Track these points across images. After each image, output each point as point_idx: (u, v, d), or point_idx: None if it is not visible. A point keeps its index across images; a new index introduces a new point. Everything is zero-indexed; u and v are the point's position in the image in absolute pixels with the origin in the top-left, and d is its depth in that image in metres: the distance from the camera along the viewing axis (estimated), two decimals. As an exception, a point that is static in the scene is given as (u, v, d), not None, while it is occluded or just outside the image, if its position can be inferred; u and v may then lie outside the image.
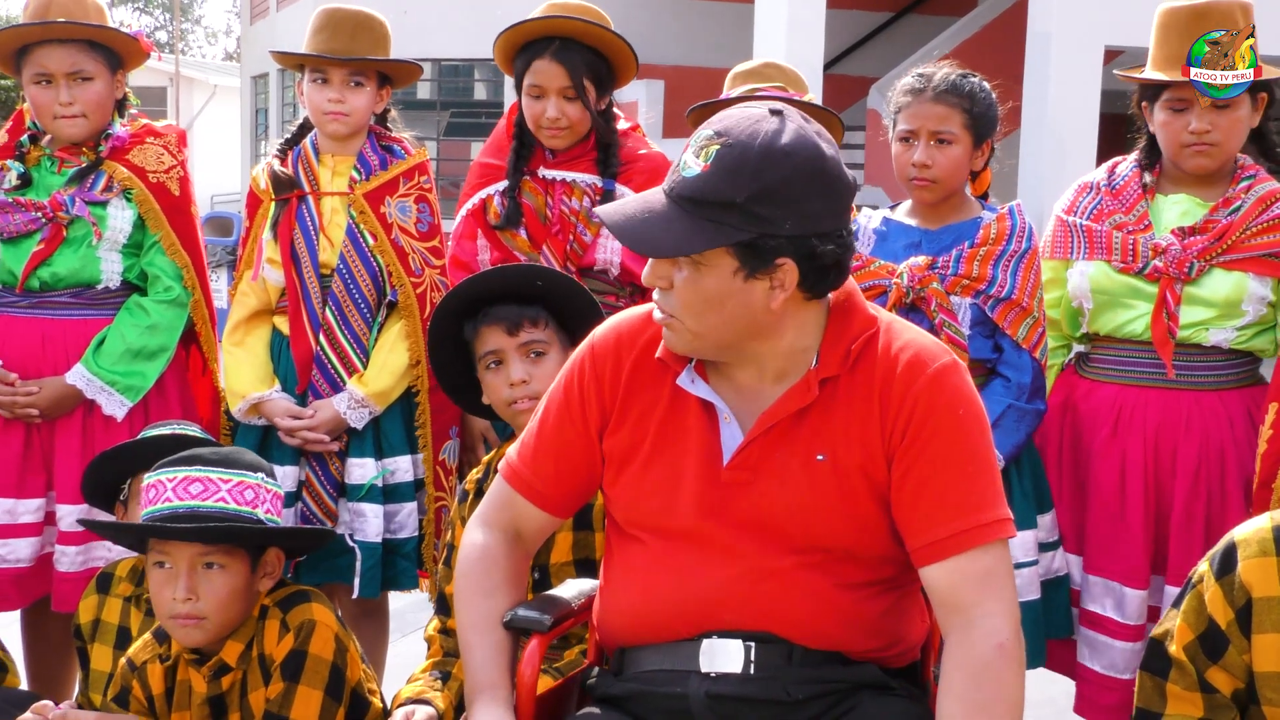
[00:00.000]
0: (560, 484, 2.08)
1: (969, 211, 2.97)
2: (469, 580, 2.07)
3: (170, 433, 2.83)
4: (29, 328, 3.18)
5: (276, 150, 3.35)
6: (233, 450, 2.48)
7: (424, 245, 3.29)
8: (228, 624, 2.34)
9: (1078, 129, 9.81)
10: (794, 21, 10.26)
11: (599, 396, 2.02)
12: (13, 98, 18.78)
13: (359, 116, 3.24)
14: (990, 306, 2.88)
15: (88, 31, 3.16)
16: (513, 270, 2.67)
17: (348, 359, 3.20)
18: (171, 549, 2.32)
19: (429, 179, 3.36)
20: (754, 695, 1.88)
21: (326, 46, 3.19)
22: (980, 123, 2.89)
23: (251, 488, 2.35)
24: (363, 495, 3.20)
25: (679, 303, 1.87)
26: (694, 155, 1.82)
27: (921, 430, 1.87)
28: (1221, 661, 1.93)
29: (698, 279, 1.84)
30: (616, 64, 3.21)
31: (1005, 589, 1.85)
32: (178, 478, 2.34)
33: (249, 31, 19.95)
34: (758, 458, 1.92)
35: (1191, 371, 2.94)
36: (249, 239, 3.30)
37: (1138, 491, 2.93)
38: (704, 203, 1.80)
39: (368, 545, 3.18)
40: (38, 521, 3.17)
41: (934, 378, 1.89)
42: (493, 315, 2.56)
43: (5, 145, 3.27)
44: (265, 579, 2.39)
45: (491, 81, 15.42)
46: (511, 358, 2.55)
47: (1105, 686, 2.95)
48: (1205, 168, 2.93)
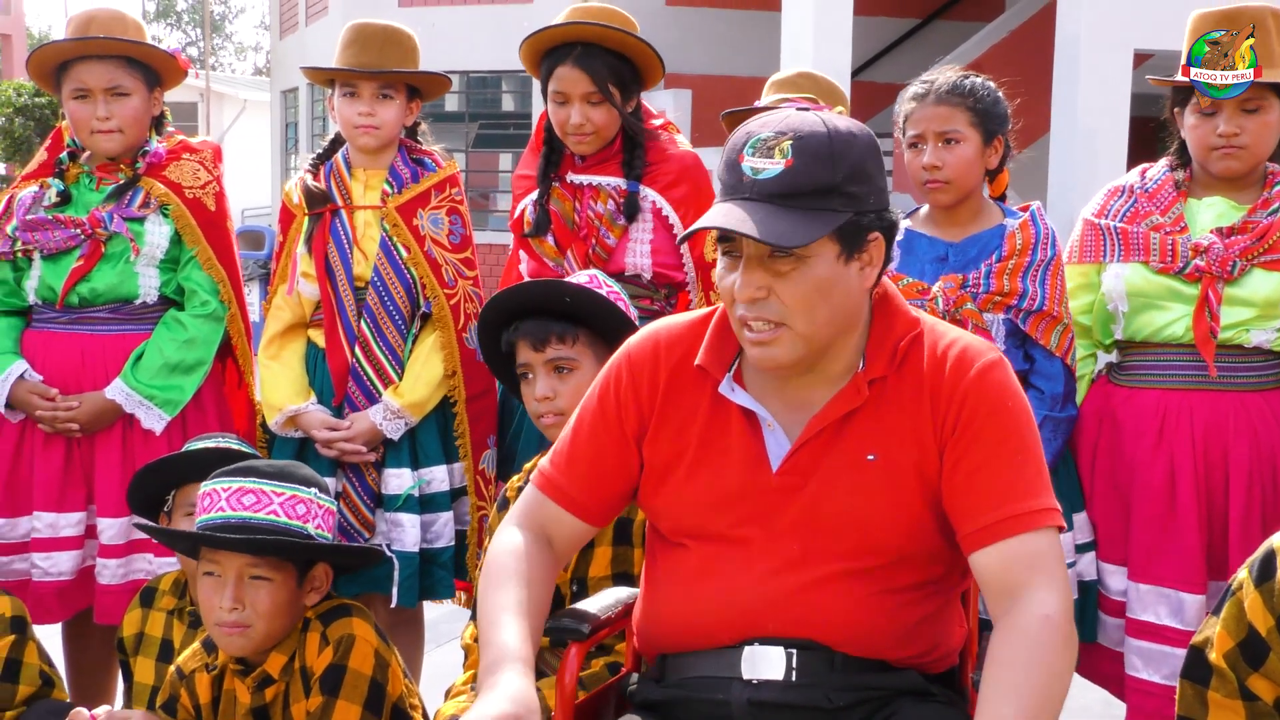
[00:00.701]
0: (593, 490, 2.06)
1: (990, 218, 2.97)
2: (500, 568, 1.99)
3: (215, 445, 2.85)
4: (69, 343, 3.21)
5: (308, 165, 3.38)
6: (289, 464, 2.50)
7: (456, 257, 3.31)
8: (272, 635, 2.36)
9: (1107, 132, 9.76)
10: (821, 29, 10.24)
11: (636, 404, 2.02)
12: (49, 117, 18.95)
13: (389, 129, 3.27)
14: (1023, 319, 2.89)
15: (126, 48, 3.20)
16: (539, 286, 2.66)
17: (383, 371, 3.22)
18: (221, 558, 2.34)
19: (460, 191, 3.38)
20: (795, 702, 1.88)
21: (356, 61, 3.21)
22: (986, 119, 2.90)
23: (304, 502, 2.37)
24: (400, 505, 3.22)
25: (789, 303, 1.86)
26: (762, 157, 1.84)
27: (972, 421, 1.89)
28: (1263, 669, 1.92)
29: (806, 272, 1.85)
30: (641, 67, 3.21)
31: (1056, 572, 1.83)
32: (232, 488, 2.36)
33: (279, 46, 20.07)
34: (808, 462, 1.93)
35: (1234, 373, 2.92)
36: (283, 253, 3.33)
37: (1189, 495, 2.90)
38: (801, 194, 1.83)
39: (405, 555, 3.20)
40: (78, 535, 3.20)
41: (983, 371, 1.91)
42: (521, 330, 2.56)
43: (45, 163, 3.31)
44: (312, 593, 2.40)
45: (520, 93, 15.46)
46: (538, 372, 2.55)
47: (1169, 697, 2.91)
48: (1233, 170, 2.92)
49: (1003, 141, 2.95)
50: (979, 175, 2.93)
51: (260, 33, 53.74)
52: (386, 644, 2.43)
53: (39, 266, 3.19)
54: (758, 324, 1.88)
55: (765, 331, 1.88)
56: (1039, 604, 1.79)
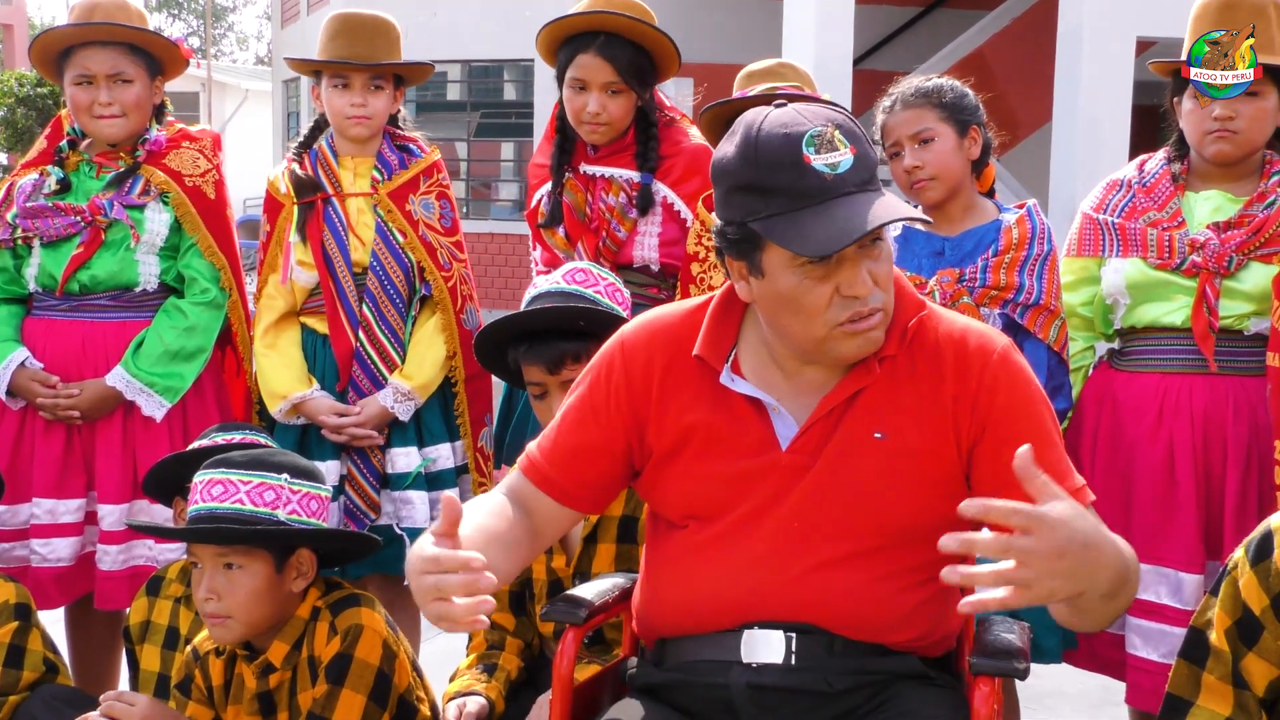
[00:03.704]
0: (573, 475, 2.04)
1: (985, 214, 3.00)
2: (474, 507, 1.95)
3: (238, 438, 2.82)
4: (69, 330, 3.22)
5: (292, 154, 3.41)
6: (268, 453, 2.49)
7: (449, 240, 3.35)
8: (254, 624, 2.36)
9: (1110, 121, 9.74)
10: (823, 17, 10.22)
11: (629, 393, 2.01)
12: (51, 107, 18.95)
13: (380, 119, 3.31)
14: (1019, 314, 2.91)
15: (129, 34, 3.21)
16: (554, 311, 2.59)
17: (386, 354, 3.25)
18: (197, 550, 2.36)
19: (446, 175, 3.43)
20: (795, 686, 1.89)
21: (348, 52, 3.24)
22: (955, 110, 2.94)
23: (272, 489, 2.36)
24: (409, 484, 3.25)
25: (883, 285, 1.87)
26: (828, 151, 1.81)
27: (1007, 410, 1.90)
28: (1256, 648, 1.93)
29: (886, 250, 1.88)
30: (659, 59, 3.24)
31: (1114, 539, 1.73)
32: (205, 480, 2.38)
33: (280, 36, 20.06)
34: (817, 441, 1.93)
35: (1234, 357, 2.93)
36: (270, 243, 3.34)
37: (1188, 477, 2.91)
38: (874, 175, 1.85)
39: (416, 531, 3.21)
40: (78, 521, 3.21)
41: (1004, 357, 1.93)
42: (534, 354, 2.53)
43: (45, 151, 3.32)
44: (298, 580, 2.40)
45: (522, 82, 15.44)
46: (554, 393, 2.52)
47: (1167, 676, 2.92)
48: (1226, 155, 2.91)
49: (980, 132, 2.97)
50: (962, 168, 2.96)
51: (262, 22, 53.73)
52: (396, 635, 2.43)
53: (39, 254, 3.20)
54: (873, 307, 1.86)
55: (879, 317, 1.88)
56: None
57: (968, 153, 2.95)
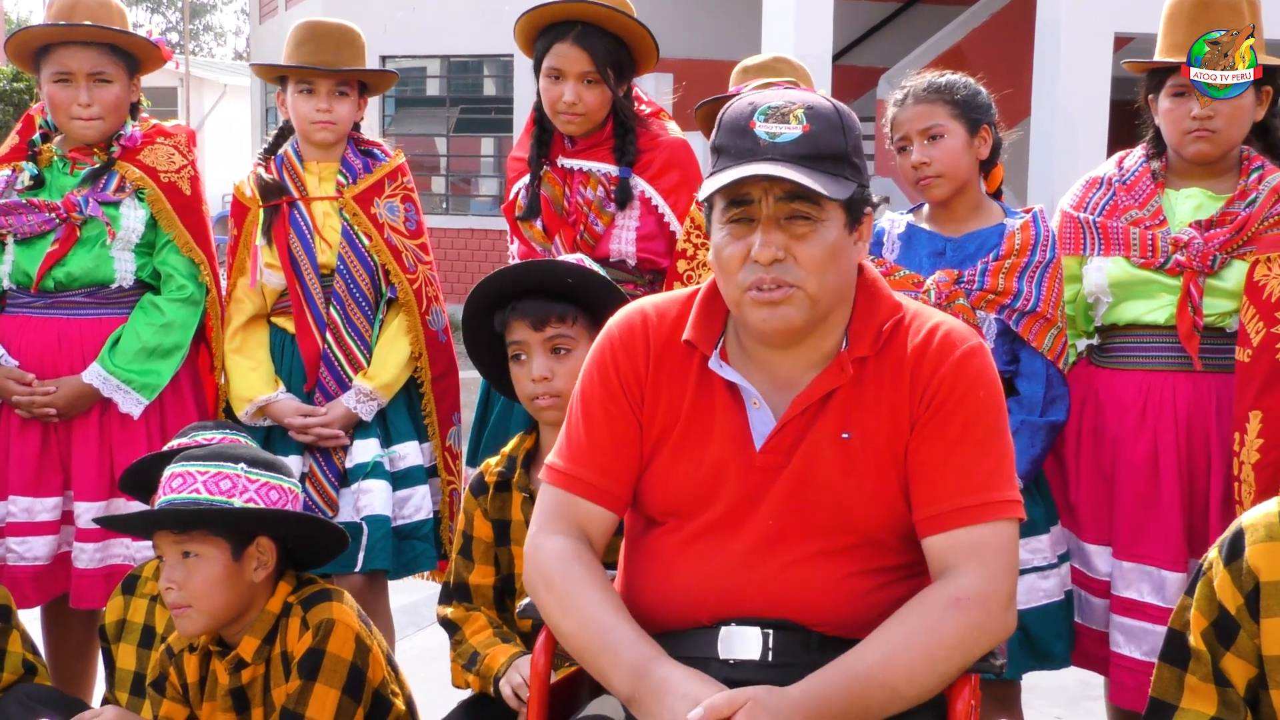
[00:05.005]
0: (619, 477, 2.01)
1: (990, 217, 2.98)
2: (567, 576, 1.93)
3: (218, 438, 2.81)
4: (45, 328, 3.21)
5: (258, 158, 3.44)
6: (231, 446, 2.50)
7: (414, 243, 3.38)
8: (215, 613, 2.36)
9: (1088, 116, 9.77)
10: (802, 13, 10.23)
11: (636, 378, 2.01)
12: (28, 102, 18.81)
13: (345, 125, 3.36)
14: (1015, 320, 2.89)
15: (112, 36, 3.20)
16: (542, 266, 2.65)
17: (353, 355, 3.27)
18: (158, 542, 2.38)
19: (410, 179, 3.46)
20: (772, 682, 1.88)
21: (314, 58, 3.27)
22: (967, 109, 2.92)
23: (229, 478, 2.36)
24: (368, 473, 3.25)
25: (806, 264, 1.87)
26: (777, 122, 1.86)
27: (944, 405, 1.90)
28: (1233, 647, 1.94)
29: (823, 234, 1.88)
30: (637, 52, 3.24)
31: (994, 562, 1.85)
32: (168, 475, 2.39)
33: (258, 31, 19.96)
34: (790, 441, 1.94)
35: (1218, 355, 2.92)
36: (238, 246, 3.35)
37: (1172, 475, 2.91)
38: (820, 157, 1.86)
39: (377, 518, 3.21)
40: (54, 520, 3.19)
41: (963, 357, 1.93)
42: (520, 309, 2.55)
43: (17, 147, 3.30)
44: (259, 569, 2.39)
45: (501, 78, 15.41)
46: (535, 352, 2.54)
47: (1149, 674, 2.93)
48: (1205, 154, 2.92)
49: (990, 131, 2.95)
50: (970, 167, 2.94)
51: (240, 17, 53.49)
52: (368, 630, 2.43)
53: (12, 251, 3.18)
54: (770, 288, 1.88)
55: (781, 292, 1.88)
56: (954, 585, 1.84)
57: (977, 152, 2.94)
